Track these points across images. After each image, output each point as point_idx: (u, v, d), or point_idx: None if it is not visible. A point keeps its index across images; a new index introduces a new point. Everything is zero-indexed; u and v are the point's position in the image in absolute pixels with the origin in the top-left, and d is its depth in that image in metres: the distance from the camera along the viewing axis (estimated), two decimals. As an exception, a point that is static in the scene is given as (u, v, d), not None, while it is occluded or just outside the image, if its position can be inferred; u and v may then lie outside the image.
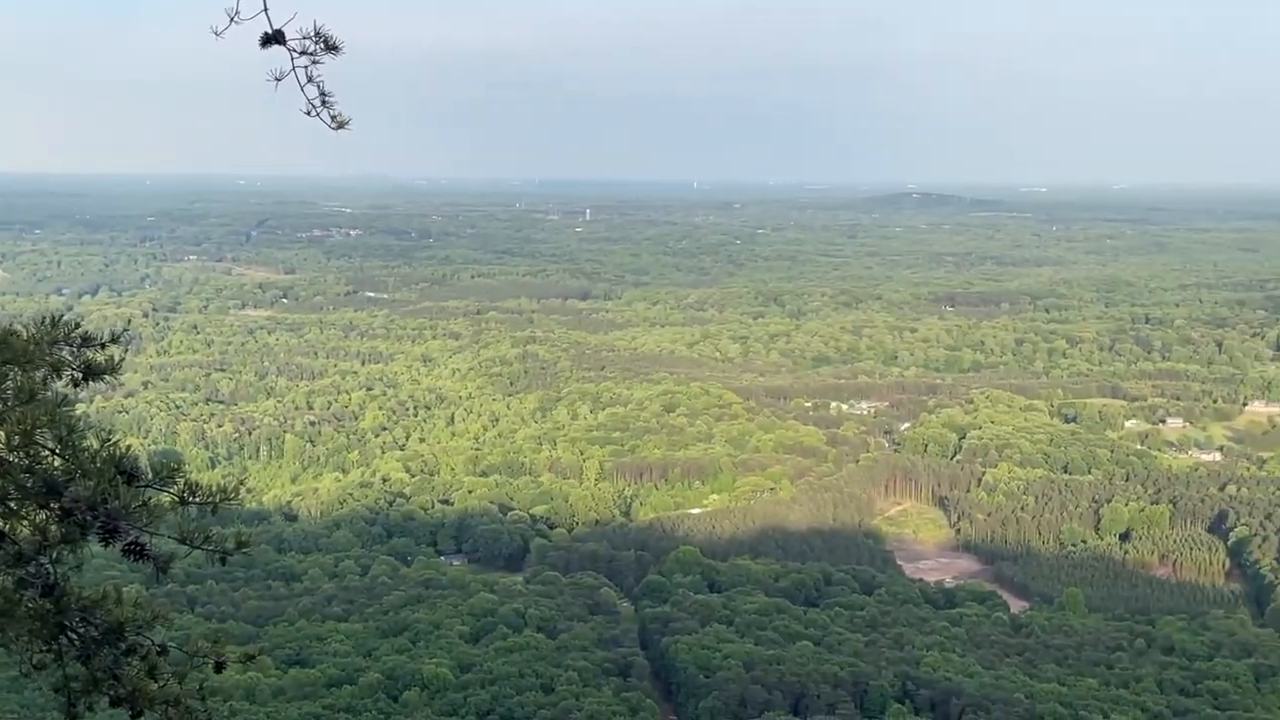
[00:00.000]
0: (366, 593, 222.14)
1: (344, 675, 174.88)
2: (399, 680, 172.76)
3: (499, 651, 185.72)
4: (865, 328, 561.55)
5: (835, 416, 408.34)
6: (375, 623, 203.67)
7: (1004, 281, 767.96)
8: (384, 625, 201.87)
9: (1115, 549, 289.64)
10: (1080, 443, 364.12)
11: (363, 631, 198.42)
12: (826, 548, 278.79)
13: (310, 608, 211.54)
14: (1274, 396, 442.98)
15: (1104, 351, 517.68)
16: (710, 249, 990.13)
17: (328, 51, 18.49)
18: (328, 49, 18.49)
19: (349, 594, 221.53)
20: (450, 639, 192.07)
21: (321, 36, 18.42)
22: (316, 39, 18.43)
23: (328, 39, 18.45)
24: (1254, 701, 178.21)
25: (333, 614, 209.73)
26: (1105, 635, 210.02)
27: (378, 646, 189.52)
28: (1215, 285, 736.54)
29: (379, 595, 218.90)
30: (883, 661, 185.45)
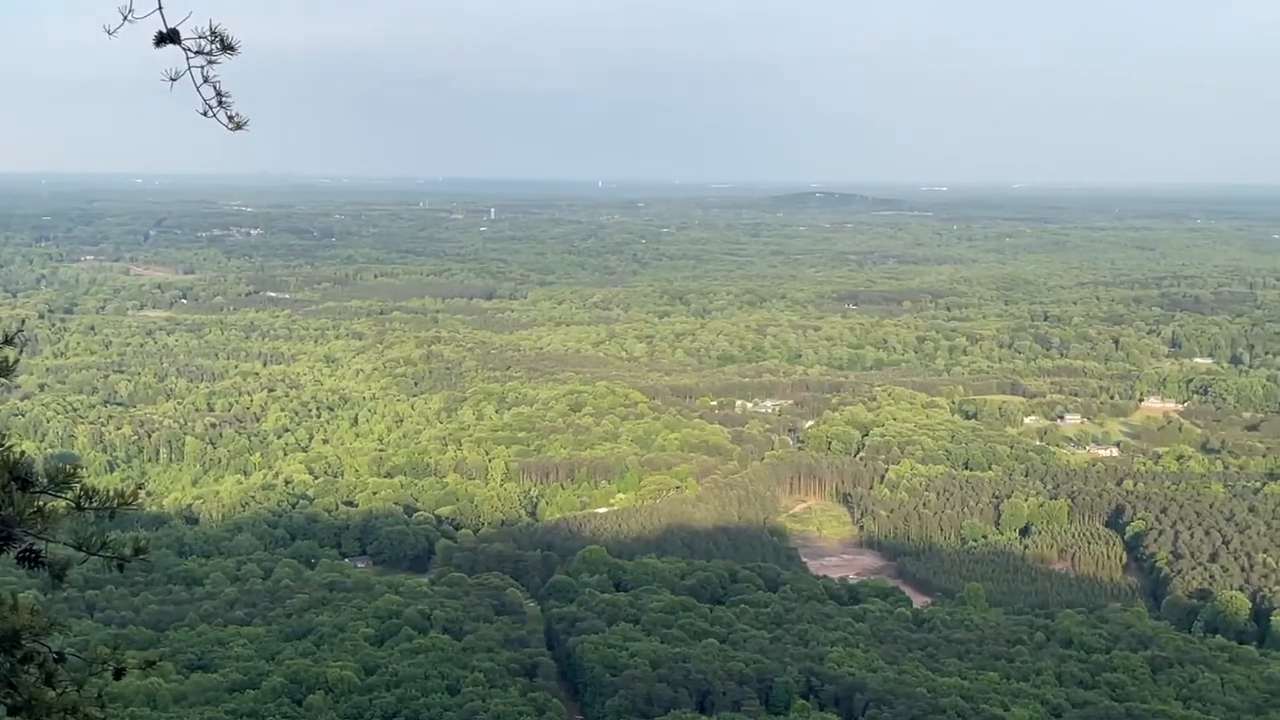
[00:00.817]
0: (269, 596, 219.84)
1: (247, 680, 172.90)
2: (303, 684, 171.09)
3: (404, 653, 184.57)
4: (770, 326, 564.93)
5: (740, 415, 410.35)
6: (278, 626, 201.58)
7: (906, 280, 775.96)
8: (287, 629, 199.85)
9: (1015, 544, 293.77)
10: (981, 439, 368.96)
11: (266, 635, 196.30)
12: (732, 545, 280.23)
13: (212, 612, 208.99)
14: (1169, 393, 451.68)
15: (1004, 349, 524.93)
16: (615, 248, 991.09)
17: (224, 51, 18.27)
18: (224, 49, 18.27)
19: (251, 597, 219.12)
20: (355, 641, 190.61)
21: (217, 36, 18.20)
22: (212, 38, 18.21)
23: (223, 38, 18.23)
24: (1150, 693, 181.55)
25: (235, 618, 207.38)
26: (1006, 629, 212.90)
27: (281, 650, 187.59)
28: (1112, 283, 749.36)
29: (282, 598, 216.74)
30: (787, 658, 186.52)
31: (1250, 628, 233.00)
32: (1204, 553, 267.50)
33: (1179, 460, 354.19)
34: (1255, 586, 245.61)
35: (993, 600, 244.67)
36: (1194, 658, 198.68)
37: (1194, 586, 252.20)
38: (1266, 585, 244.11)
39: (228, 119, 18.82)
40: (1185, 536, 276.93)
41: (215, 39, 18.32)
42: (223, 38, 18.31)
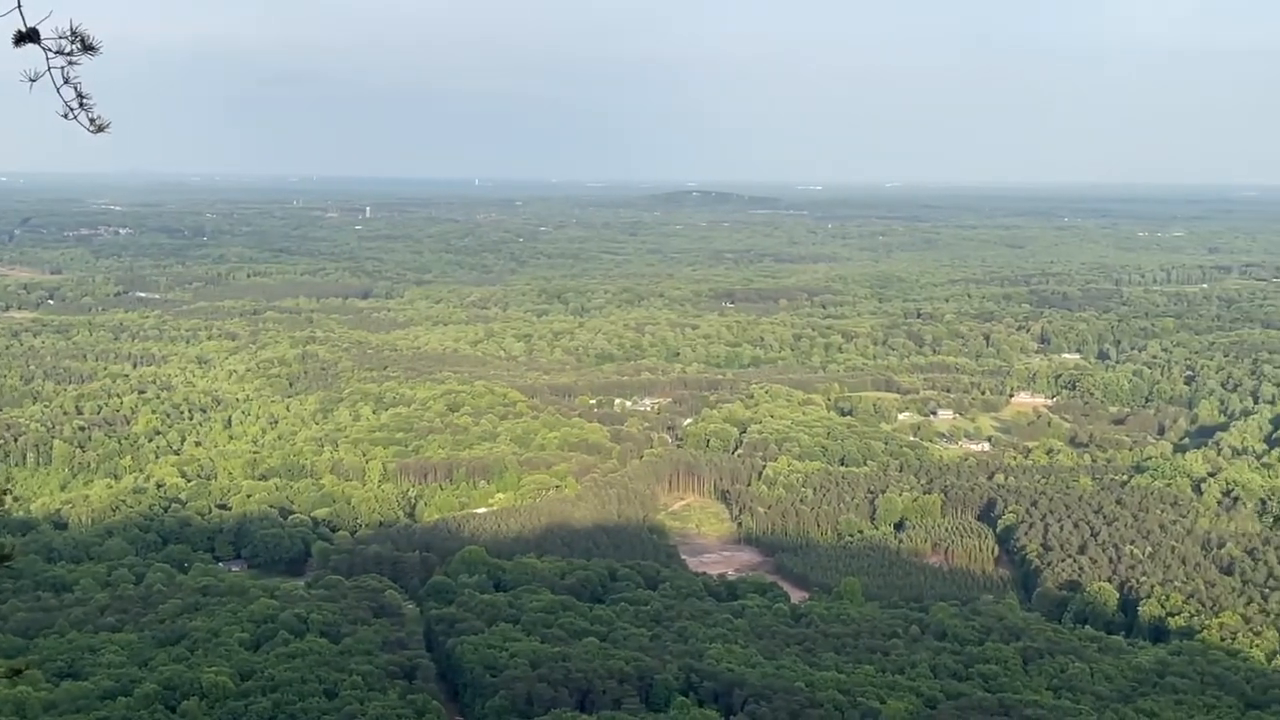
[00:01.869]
0: (142, 601, 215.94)
1: (119, 687, 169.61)
2: (177, 690, 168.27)
3: (280, 658, 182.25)
4: (648, 325, 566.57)
5: (619, 413, 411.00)
6: (151, 632, 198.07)
7: (782, 278, 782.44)
8: (160, 634, 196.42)
9: (890, 538, 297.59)
10: (856, 435, 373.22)
11: (138, 641, 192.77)
12: (612, 544, 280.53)
13: (82, 618, 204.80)
14: (1039, 388, 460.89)
15: (878, 346, 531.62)
16: (493, 246, 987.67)
17: (85, 52, 17.87)
18: (85, 49, 17.88)
19: (123, 603, 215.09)
20: (230, 646, 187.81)
21: (78, 36, 17.80)
22: (73, 38, 17.81)
23: (84, 38, 17.83)
24: (1022, 684, 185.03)
25: (106, 624, 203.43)
26: (881, 623, 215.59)
27: (154, 656, 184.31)
28: (983, 280, 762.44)
29: (155, 604, 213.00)
30: (667, 655, 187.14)
31: (1118, 618, 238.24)
32: (1073, 545, 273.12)
33: (1048, 454, 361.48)
34: (1123, 577, 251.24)
35: (869, 594, 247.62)
36: (1064, 648, 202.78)
37: (1064, 578, 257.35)
38: (1134, 576, 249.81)
39: (89, 121, 18.42)
40: (1055, 529, 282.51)
41: (76, 39, 17.91)
42: (83, 38, 17.91)
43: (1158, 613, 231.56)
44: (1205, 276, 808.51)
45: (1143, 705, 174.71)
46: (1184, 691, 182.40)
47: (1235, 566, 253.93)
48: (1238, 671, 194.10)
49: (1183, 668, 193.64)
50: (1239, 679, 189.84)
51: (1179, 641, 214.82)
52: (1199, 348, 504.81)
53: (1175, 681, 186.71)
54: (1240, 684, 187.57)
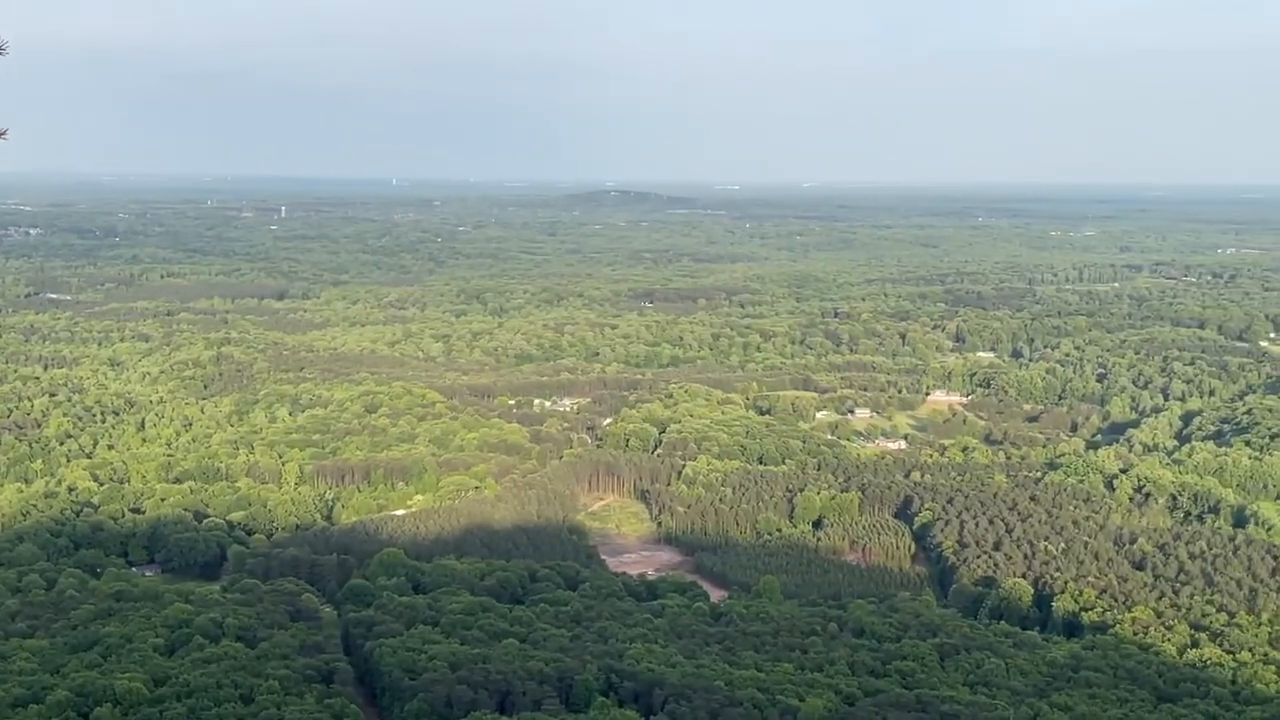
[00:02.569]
0: (53, 607, 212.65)
1: (30, 694, 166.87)
2: (90, 697, 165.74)
3: (196, 663, 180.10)
4: (567, 325, 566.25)
5: (539, 414, 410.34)
6: (63, 638, 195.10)
7: (700, 278, 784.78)
8: (73, 640, 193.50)
9: (809, 536, 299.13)
10: (775, 434, 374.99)
11: (50, 648, 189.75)
12: (532, 545, 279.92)
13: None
14: (954, 386, 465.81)
15: (796, 345, 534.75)
16: (411, 247, 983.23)
17: (-10, 54, 17.44)
18: (-10, 52, 17.43)
19: (34, 609, 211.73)
20: (144, 652, 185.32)
21: (-19, 39, 17.34)
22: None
23: (-11, 42, 17.39)
24: (939, 680, 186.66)
25: (16, 631, 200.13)
26: (800, 621, 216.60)
27: (66, 663, 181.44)
28: (899, 280, 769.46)
29: (67, 609, 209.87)
30: (587, 655, 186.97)
31: (1033, 613, 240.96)
32: (989, 541, 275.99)
33: (964, 452, 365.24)
34: (1037, 573, 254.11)
35: (787, 593, 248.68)
36: (980, 644, 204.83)
37: (979, 574, 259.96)
38: (1048, 572, 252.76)
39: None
40: (971, 526, 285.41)
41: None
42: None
43: (1072, 608, 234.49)
44: (1117, 275, 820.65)
45: (1057, 700, 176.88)
46: (1098, 685, 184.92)
47: (1147, 562, 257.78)
48: (1150, 665, 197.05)
49: (1096, 662, 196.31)
50: (1151, 673, 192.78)
51: (1092, 636, 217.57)
52: (1111, 346, 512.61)
53: (1089, 676, 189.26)
54: (1152, 678, 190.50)
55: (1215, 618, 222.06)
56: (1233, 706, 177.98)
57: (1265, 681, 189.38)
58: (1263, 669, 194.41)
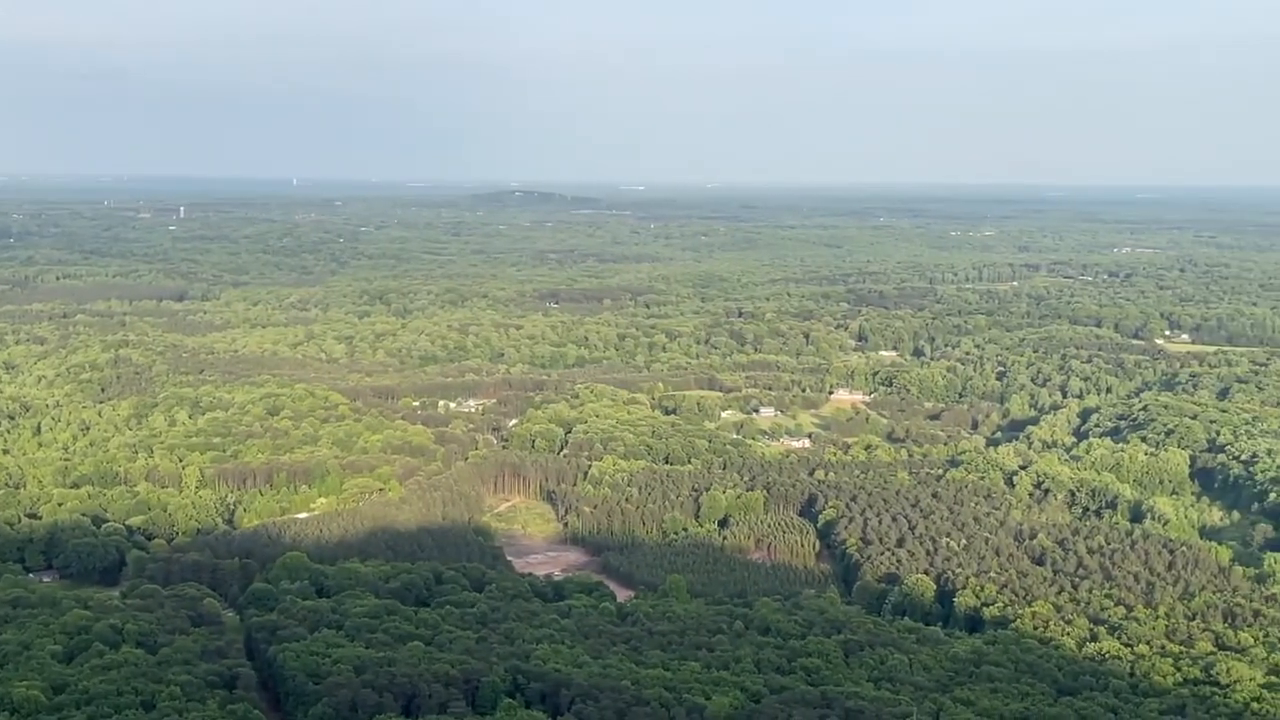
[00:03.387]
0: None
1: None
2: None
3: (95, 670, 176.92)
4: (472, 325, 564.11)
5: (444, 415, 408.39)
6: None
7: (606, 278, 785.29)
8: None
9: (715, 535, 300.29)
10: (680, 434, 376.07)
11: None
12: (437, 547, 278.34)
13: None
14: (857, 385, 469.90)
15: (701, 345, 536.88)
16: (312, 247, 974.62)
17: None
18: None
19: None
20: (41, 659, 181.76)
21: None
22: None
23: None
24: (844, 676, 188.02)
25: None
26: (706, 619, 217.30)
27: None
28: (802, 279, 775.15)
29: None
30: (494, 657, 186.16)
31: (935, 609, 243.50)
32: (892, 538, 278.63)
33: (867, 450, 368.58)
34: (939, 569, 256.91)
35: (694, 591, 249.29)
36: (884, 640, 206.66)
37: (883, 571, 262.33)
38: (950, 568, 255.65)
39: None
40: (874, 523, 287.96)
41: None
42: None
43: (973, 603, 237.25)
44: (1015, 274, 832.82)
45: (960, 694, 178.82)
46: (999, 680, 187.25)
47: (1046, 557, 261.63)
48: (1050, 659, 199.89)
49: (998, 656, 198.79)
50: (1051, 666, 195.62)
51: (994, 631, 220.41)
52: (1010, 344, 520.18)
53: (990, 670, 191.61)
54: (1052, 671, 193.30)
55: (1113, 611, 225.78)
56: (1131, 699, 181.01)
57: (1162, 674, 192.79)
58: (1160, 661, 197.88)
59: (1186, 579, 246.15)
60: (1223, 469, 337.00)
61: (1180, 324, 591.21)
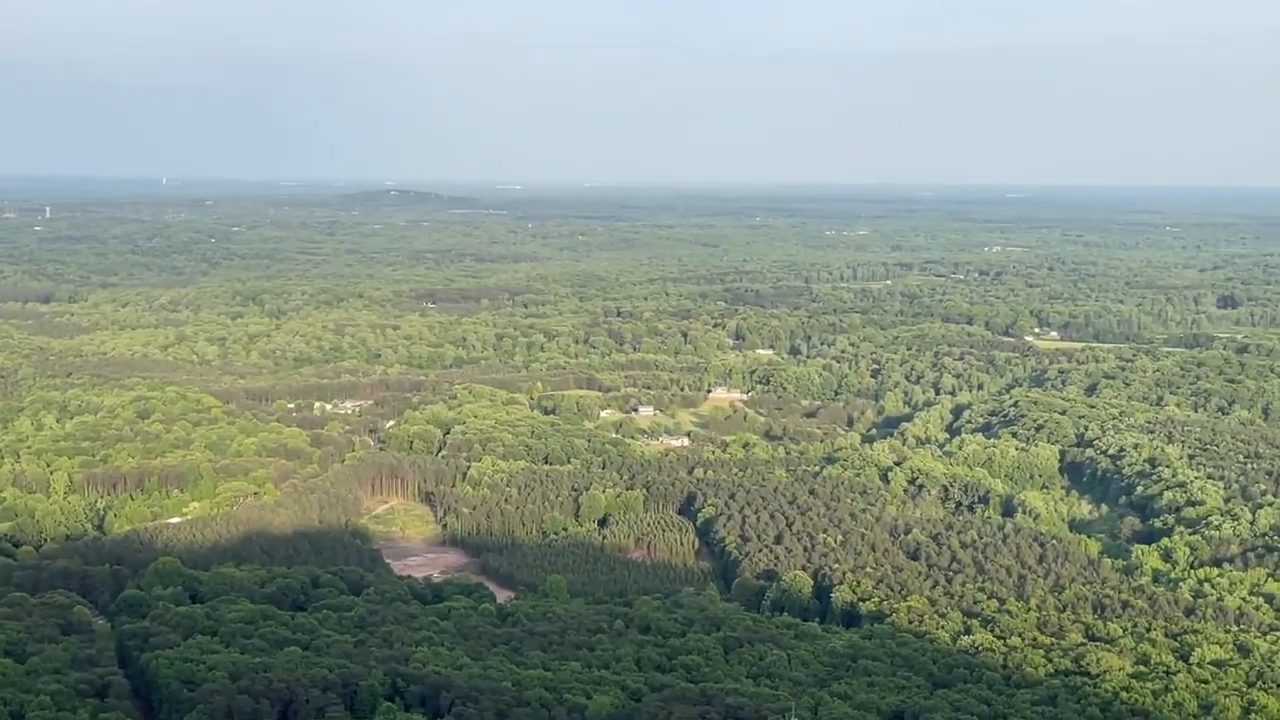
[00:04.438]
0: None
1: None
2: None
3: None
4: (348, 326, 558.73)
5: (319, 417, 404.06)
6: None
7: (483, 278, 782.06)
8: None
9: (594, 535, 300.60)
10: (560, 433, 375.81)
11: None
12: (314, 550, 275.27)
13: None
14: (735, 383, 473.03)
15: (579, 344, 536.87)
16: (183, 247, 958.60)
17: None
18: None
19: None
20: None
21: None
22: None
23: None
24: (723, 672, 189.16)
25: None
26: (587, 619, 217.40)
27: None
28: (680, 279, 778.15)
29: None
30: (372, 661, 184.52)
31: (813, 604, 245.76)
32: (770, 535, 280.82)
33: (745, 448, 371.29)
34: (817, 565, 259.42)
35: (574, 591, 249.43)
36: (762, 636, 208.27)
37: (761, 568, 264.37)
38: (827, 564, 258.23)
39: None
40: (752, 520, 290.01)
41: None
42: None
43: (850, 598, 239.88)
44: (889, 273, 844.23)
45: (837, 689, 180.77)
46: (876, 674, 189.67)
47: (921, 551, 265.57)
48: (925, 652, 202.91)
49: (874, 651, 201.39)
50: (926, 659, 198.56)
51: (870, 625, 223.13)
52: (884, 342, 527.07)
53: (867, 664, 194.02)
54: (928, 664, 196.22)
55: (986, 604, 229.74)
56: (1004, 690, 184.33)
57: (1034, 665, 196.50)
58: (1031, 653, 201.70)
59: (1057, 572, 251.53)
60: (1091, 463, 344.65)
61: (1049, 321, 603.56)
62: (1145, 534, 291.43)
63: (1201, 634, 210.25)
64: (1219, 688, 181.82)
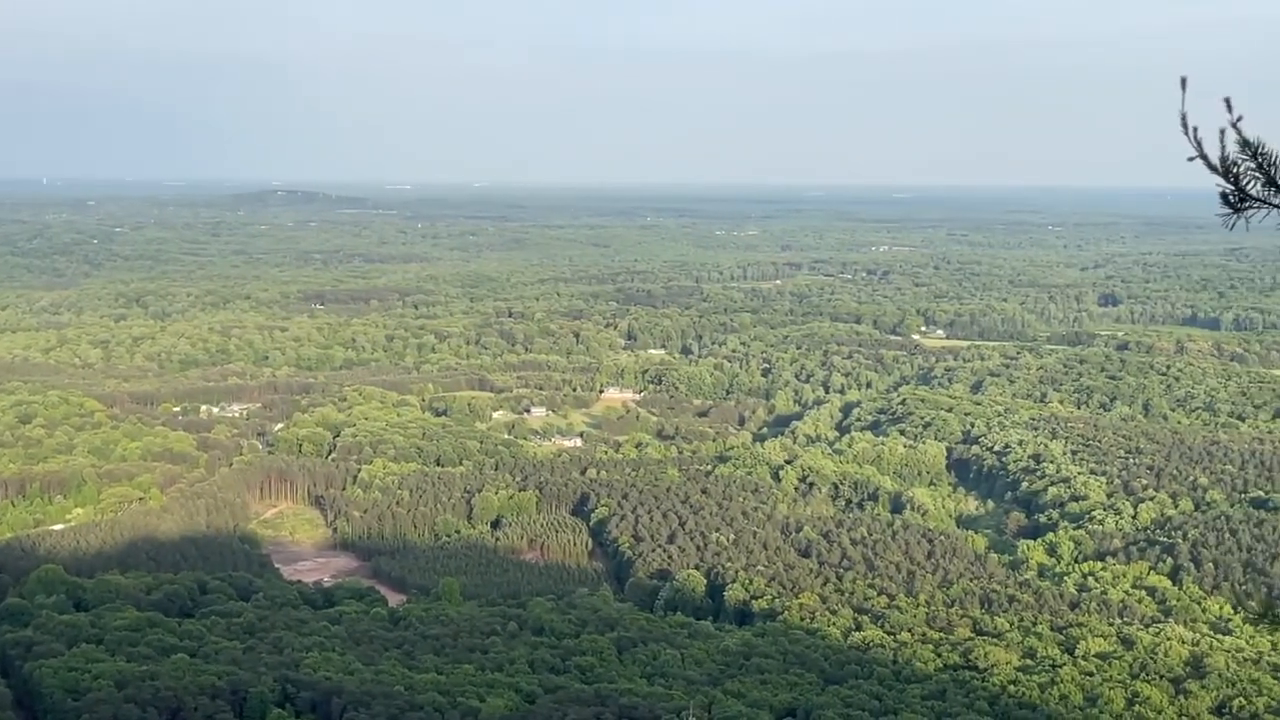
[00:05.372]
0: None
1: None
2: None
3: None
4: (235, 328, 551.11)
5: (206, 420, 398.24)
6: None
7: (373, 278, 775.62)
8: None
9: (487, 537, 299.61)
10: (451, 435, 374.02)
11: None
12: (201, 556, 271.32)
13: None
14: (627, 383, 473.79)
15: (471, 345, 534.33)
16: (64, 249, 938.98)
17: None
18: None
19: None
20: None
21: None
22: None
23: None
24: (617, 673, 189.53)
25: None
26: (480, 621, 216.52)
27: None
28: (571, 279, 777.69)
29: None
30: (262, 667, 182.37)
31: (706, 603, 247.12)
32: (663, 534, 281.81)
33: (638, 448, 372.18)
34: (710, 564, 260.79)
35: (467, 594, 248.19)
36: (656, 636, 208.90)
37: (655, 567, 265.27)
38: (719, 563, 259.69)
39: None
40: (646, 520, 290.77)
41: None
42: None
43: (742, 596, 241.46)
44: (778, 273, 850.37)
45: (730, 687, 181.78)
46: (768, 671, 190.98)
47: (812, 549, 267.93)
48: (817, 649, 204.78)
49: (767, 648, 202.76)
50: (818, 656, 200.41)
51: (763, 623, 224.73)
52: (774, 341, 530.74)
53: (760, 662, 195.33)
54: (819, 661, 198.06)
55: (877, 600, 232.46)
56: (895, 685, 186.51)
57: (924, 660, 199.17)
58: (921, 648, 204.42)
59: (945, 567, 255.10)
60: (977, 460, 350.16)
61: (935, 320, 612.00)
62: (1031, 529, 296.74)
63: (1086, 627, 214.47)
64: (1103, 680, 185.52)
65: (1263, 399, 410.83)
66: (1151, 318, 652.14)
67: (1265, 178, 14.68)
